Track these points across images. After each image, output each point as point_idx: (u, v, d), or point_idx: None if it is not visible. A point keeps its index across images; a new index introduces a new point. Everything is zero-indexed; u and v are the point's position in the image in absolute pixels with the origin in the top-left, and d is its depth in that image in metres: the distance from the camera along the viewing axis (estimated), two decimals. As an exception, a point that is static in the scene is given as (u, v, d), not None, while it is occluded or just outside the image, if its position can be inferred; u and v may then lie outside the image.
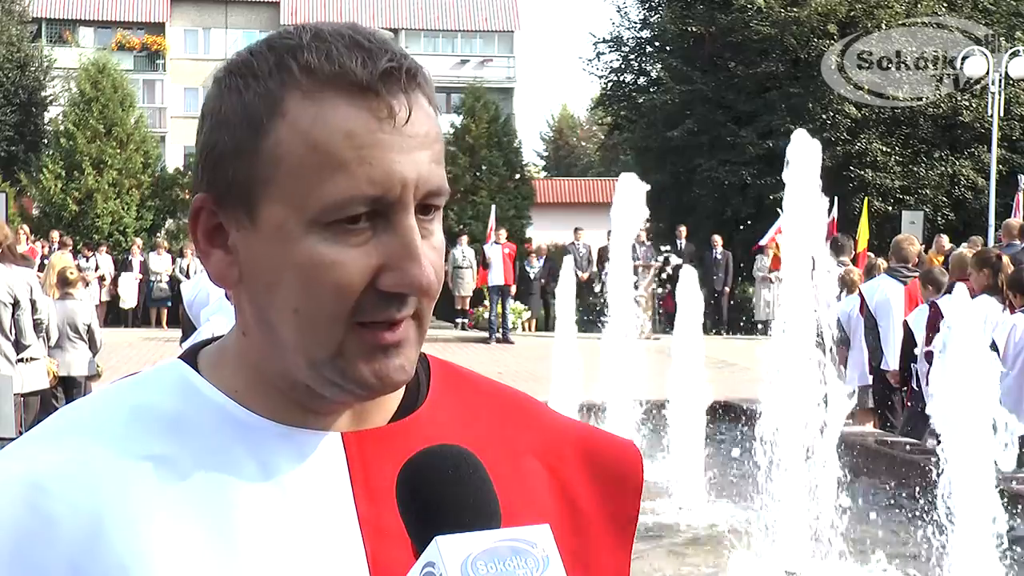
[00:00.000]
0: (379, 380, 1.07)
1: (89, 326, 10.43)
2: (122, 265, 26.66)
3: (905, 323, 9.53)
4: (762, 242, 20.97)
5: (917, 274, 10.59)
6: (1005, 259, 8.93)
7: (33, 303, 8.68)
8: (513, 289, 23.65)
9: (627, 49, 34.46)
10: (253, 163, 1.05)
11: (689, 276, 10.17)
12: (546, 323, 23.47)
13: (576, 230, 25.34)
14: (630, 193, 11.78)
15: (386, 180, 1.03)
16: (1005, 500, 6.39)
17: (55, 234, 24.72)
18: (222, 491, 1.06)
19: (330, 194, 1.03)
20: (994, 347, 7.88)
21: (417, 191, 1.05)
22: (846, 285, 11.57)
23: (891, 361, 10.10)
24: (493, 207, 26.84)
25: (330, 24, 1.09)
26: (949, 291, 8.47)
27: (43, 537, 1.03)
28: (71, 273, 10.64)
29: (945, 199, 30.22)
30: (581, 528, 1.15)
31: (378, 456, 1.11)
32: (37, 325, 8.84)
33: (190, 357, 1.15)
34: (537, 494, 1.16)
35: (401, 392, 1.15)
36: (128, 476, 1.06)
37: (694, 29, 31.06)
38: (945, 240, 18.29)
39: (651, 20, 34.16)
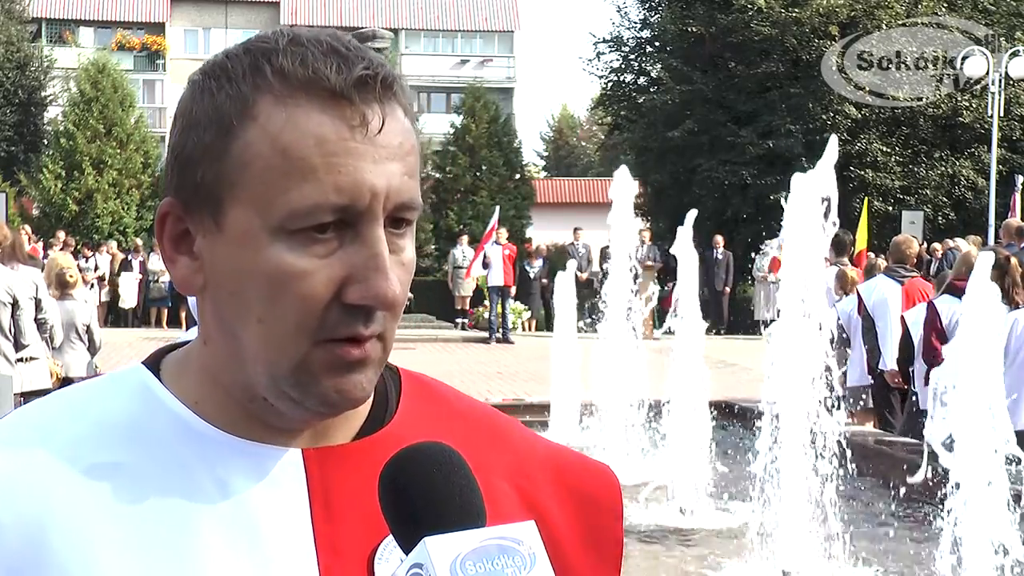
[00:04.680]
0: (339, 395, 1.04)
1: (88, 327, 10.41)
2: (122, 265, 26.68)
3: (903, 319, 9.51)
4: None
5: (915, 274, 10.58)
6: (1013, 261, 8.90)
7: (38, 302, 8.64)
8: (513, 290, 23.64)
9: (627, 49, 34.44)
10: (221, 165, 1.03)
11: (689, 274, 10.10)
12: (547, 323, 23.45)
13: (576, 230, 25.33)
14: (626, 189, 11.79)
15: (354, 189, 1.01)
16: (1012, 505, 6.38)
17: (60, 235, 24.71)
18: (175, 504, 1.03)
19: (296, 200, 1.00)
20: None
21: (387, 203, 1.02)
22: (844, 285, 11.55)
23: (889, 361, 10.10)
24: (497, 208, 26.83)
25: (310, 30, 1.06)
26: (953, 292, 8.45)
27: None
28: (71, 276, 10.62)
29: (945, 199, 30.22)
30: (551, 549, 1.09)
31: (339, 474, 1.08)
32: (41, 324, 8.81)
33: (153, 363, 1.12)
34: (507, 516, 1.11)
35: (368, 407, 1.12)
36: (77, 484, 1.03)
37: (694, 29, 31.05)
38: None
39: (651, 20, 34.16)
